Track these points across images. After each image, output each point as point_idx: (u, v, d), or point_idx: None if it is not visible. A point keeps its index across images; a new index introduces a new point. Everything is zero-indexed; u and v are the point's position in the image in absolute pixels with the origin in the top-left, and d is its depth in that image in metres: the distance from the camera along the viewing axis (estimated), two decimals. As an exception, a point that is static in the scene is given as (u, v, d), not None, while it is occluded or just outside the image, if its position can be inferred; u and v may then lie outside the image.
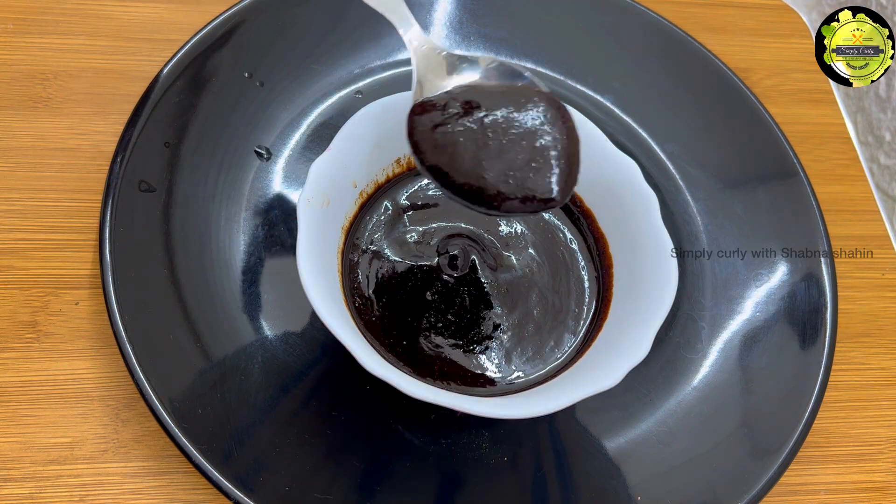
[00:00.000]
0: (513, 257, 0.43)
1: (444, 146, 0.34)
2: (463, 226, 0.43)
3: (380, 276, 0.41)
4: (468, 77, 0.37)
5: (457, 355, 0.40)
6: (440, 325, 0.40)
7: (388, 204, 0.43)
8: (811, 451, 0.44)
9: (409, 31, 0.37)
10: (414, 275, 0.41)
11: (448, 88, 0.36)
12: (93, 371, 0.40)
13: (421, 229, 0.42)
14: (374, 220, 0.42)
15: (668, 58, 0.52)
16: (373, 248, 0.42)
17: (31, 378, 0.39)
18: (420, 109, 0.35)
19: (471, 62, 0.37)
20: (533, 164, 0.33)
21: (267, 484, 0.36)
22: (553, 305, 0.42)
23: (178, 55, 0.44)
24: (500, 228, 0.43)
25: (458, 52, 0.38)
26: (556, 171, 0.34)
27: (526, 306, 0.42)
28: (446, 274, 0.41)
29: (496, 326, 0.41)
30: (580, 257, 0.43)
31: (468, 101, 0.35)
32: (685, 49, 0.52)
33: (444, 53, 0.37)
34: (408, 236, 0.42)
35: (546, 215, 0.44)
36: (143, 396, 0.36)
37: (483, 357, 0.40)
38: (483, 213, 0.34)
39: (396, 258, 0.42)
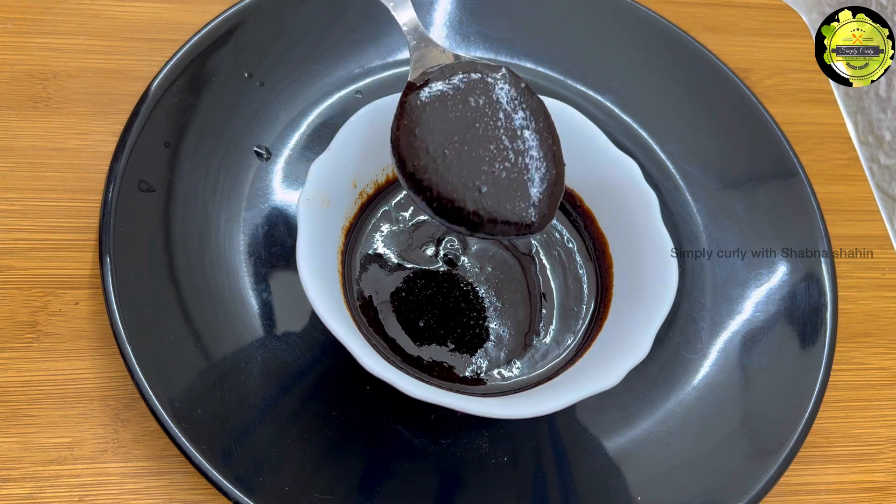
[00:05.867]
0: (513, 257, 0.43)
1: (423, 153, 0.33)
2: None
3: (380, 276, 0.41)
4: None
5: (457, 355, 0.40)
6: (441, 325, 0.40)
7: (389, 204, 0.43)
8: (811, 451, 0.44)
9: (405, 14, 0.37)
10: (414, 275, 0.41)
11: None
12: (93, 371, 0.40)
13: (421, 230, 0.42)
14: (374, 220, 0.42)
15: (668, 58, 0.52)
16: (373, 248, 0.42)
17: (31, 378, 0.39)
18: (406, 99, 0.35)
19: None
20: (514, 179, 0.33)
21: (267, 484, 0.36)
22: (553, 306, 0.42)
23: (178, 55, 0.44)
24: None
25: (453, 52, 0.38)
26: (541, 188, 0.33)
27: (526, 307, 0.42)
28: (446, 274, 0.41)
29: (496, 327, 0.41)
30: (579, 257, 0.43)
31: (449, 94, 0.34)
32: (685, 49, 0.52)
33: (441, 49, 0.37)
34: (407, 237, 0.42)
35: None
36: (143, 396, 0.36)
37: (483, 357, 0.40)
38: (463, 233, 0.34)
39: (396, 259, 0.41)
